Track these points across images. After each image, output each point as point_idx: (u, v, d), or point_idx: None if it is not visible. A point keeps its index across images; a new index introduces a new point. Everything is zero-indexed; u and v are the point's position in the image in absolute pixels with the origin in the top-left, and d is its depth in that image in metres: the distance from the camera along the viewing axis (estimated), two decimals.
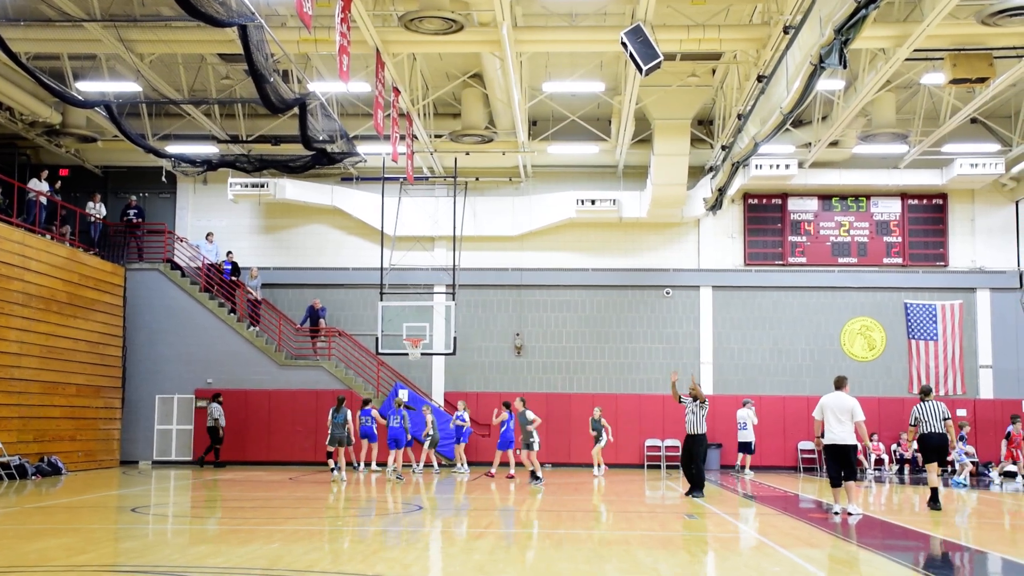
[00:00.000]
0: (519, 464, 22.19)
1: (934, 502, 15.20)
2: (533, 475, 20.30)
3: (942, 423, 15.08)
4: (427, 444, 22.68)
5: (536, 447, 20.68)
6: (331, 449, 21.07)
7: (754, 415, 24.34)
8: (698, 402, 17.21)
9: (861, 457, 22.29)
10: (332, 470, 21.17)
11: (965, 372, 26.88)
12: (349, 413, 21.54)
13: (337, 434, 21.00)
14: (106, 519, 14.20)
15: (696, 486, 17.22)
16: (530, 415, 20.92)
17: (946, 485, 15.38)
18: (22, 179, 24.34)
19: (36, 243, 22.04)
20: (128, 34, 18.48)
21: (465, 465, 23.56)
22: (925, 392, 15.65)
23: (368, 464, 23.47)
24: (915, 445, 15.75)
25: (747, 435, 24.11)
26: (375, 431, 22.90)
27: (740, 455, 24.27)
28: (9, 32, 17.12)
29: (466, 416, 23.88)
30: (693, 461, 17.39)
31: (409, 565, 9.71)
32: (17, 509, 15.21)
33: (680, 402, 17.67)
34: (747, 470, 24.02)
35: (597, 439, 23.02)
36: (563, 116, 24.86)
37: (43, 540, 11.32)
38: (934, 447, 15.22)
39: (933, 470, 15.39)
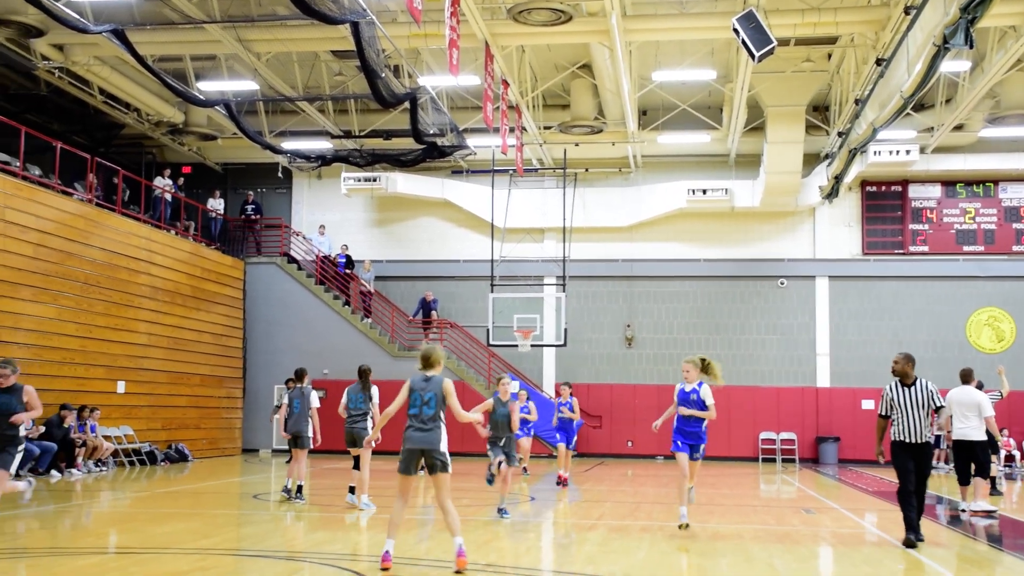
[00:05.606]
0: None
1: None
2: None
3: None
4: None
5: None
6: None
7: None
8: (927, 391, 10.36)
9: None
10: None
11: None
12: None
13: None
14: (229, 505, 14.71)
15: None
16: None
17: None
18: (148, 177, 25.43)
19: (161, 238, 22.95)
20: (246, 34, 19.08)
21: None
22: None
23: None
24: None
25: None
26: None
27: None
28: (136, 36, 17.88)
29: (530, 407, 19.06)
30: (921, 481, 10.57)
31: (521, 555, 9.77)
32: (148, 493, 15.91)
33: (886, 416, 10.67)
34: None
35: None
36: (673, 105, 24.53)
37: (171, 524, 11.79)
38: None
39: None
